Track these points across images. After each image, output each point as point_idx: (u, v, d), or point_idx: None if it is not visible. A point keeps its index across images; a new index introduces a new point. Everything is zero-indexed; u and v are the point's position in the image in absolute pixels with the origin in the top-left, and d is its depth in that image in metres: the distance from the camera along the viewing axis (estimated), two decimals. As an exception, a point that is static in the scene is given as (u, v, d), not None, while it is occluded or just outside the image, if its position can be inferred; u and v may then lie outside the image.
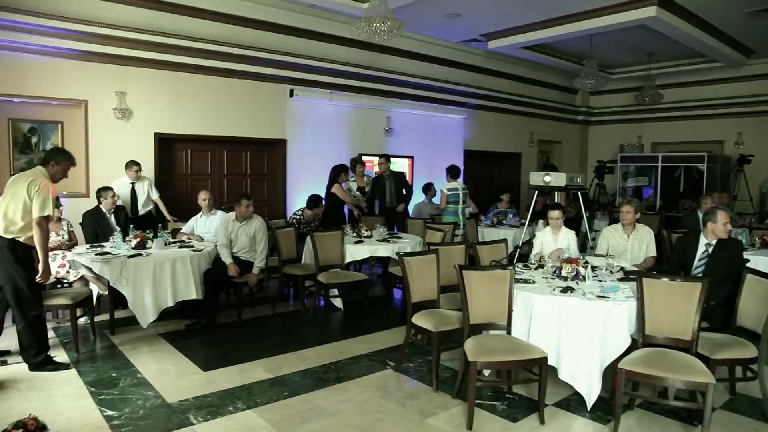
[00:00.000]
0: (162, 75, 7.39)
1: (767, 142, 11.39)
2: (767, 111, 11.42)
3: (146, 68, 7.24)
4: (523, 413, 3.75)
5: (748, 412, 3.83)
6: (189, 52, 7.41)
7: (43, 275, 4.31)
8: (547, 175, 6.03)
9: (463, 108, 11.05)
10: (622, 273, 4.40)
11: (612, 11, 8.14)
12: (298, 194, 8.54)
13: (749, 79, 11.54)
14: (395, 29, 6.14)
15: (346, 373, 4.44)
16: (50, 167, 4.39)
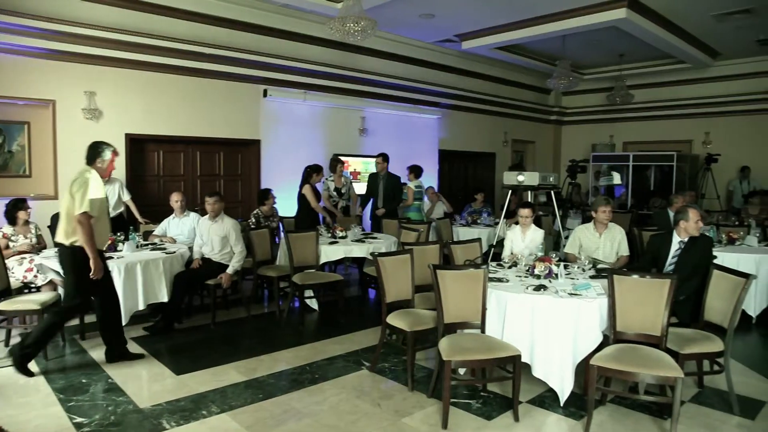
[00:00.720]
0: (133, 75, 7.27)
1: (733, 141, 11.67)
2: (733, 111, 11.71)
3: (117, 68, 7.12)
4: (498, 411, 3.78)
5: (715, 404, 3.92)
6: (161, 51, 7.31)
7: (95, 272, 4.29)
8: (521, 174, 6.09)
9: (437, 108, 11.10)
10: (594, 270, 4.46)
11: (583, 13, 8.25)
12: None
13: (715, 80, 11.82)
14: (369, 29, 6.14)
15: (321, 375, 4.42)
16: (97, 164, 4.40)
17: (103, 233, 4.47)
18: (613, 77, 12.06)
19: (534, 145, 14.05)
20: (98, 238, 4.35)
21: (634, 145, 13.23)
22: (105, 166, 4.44)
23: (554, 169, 13.71)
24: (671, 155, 11.58)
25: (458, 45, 10.25)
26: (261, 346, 5.07)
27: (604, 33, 9.18)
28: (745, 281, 3.71)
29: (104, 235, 4.55)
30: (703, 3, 8.02)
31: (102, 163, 4.42)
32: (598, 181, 12.57)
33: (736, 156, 11.44)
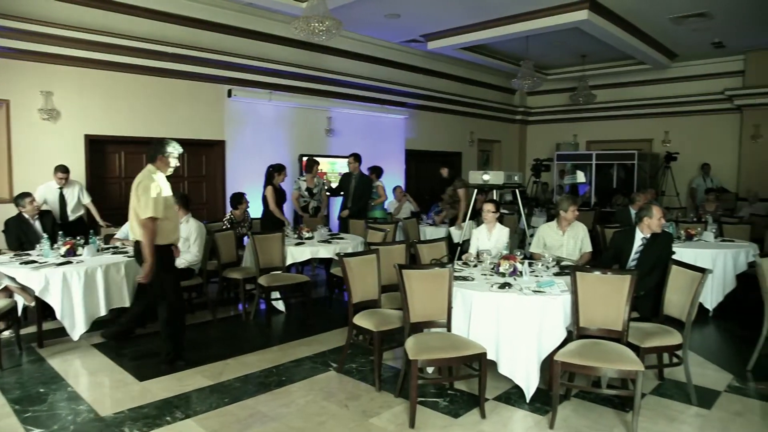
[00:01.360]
0: (93, 74, 7.10)
1: (691, 140, 12.02)
2: (691, 111, 12.06)
3: (75, 67, 6.94)
4: (465, 408, 3.80)
5: (674, 395, 4.02)
6: (121, 50, 7.16)
7: (145, 276, 4.33)
8: (486, 173, 6.14)
9: (404, 108, 11.14)
10: (558, 268, 4.53)
11: (546, 14, 8.38)
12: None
13: (674, 81, 12.17)
14: (334, 29, 6.11)
15: (288, 377, 4.38)
16: (159, 162, 4.46)
17: (172, 229, 4.55)
18: (576, 78, 12.29)
19: (500, 145, 14.21)
20: (168, 234, 4.47)
21: (597, 144, 13.51)
22: (167, 162, 4.51)
23: (520, 168, 13.92)
24: (632, 154, 11.87)
25: (424, 45, 10.30)
26: (227, 349, 4.99)
27: (566, 34, 9.34)
28: (701, 276, 3.82)
29: (174, 231, 4.61)
30: (661, 6, 8.23)
31: (163, 161, 4.48)
32: (563, 179, 12.78)
33: (694, 154, 11.80)
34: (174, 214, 4.63)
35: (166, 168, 4.53)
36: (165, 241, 4.44)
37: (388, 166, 10.28)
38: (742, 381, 4.32)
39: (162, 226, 4.36)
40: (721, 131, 11.72)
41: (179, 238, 4.78)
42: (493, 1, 8.09)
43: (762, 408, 3.88)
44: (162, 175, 4.47)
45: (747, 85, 11.21)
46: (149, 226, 4.26)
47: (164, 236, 4.41)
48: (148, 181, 4.32)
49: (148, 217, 4.24)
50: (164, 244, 4.43)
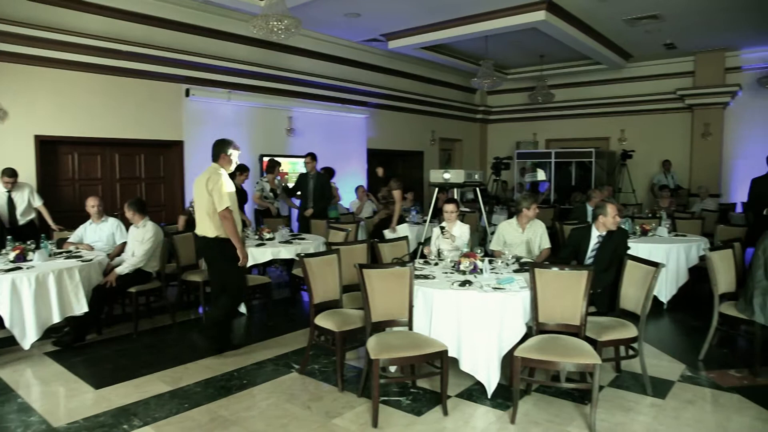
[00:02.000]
0: (42, 72, 6.87)
1: (646, 138, 12.37)
2: (645, 110, 12.42)
3: (23, 65, 6.70)
4: (428, 406, 3.81)
5: (631, 386, 4.12)
6: (72, 48, 6.94)
7: (243, 259, 4.77)
8: (446, 172, 6.19)
9: (365, 107, 11.13)
10: (518, 265, 4.59)
11: (505, 14, 8.49)
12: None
13: (629, 81, 12.50)
14: (293, 28, 6.06)
15: (250, 380, 4.32)
16: (222, 160, 4.78)
17: (237, 223, 4.78)
18: (534, 77, 12.50)
19: (461, 144, 14.35)
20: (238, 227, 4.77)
21: (555, 143, 13.77)
22: (229, 161, 4.83)
23: (481, 167, 14.07)
24: (590, 152, 12.14)
25: (385, 44, 10.32)
26: (187, 353, 4.89)
27: (525, 34, 9.49)
28: (655, 270, 3.93)
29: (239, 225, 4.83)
30: (616, 7, 8.44)
31: (226, 159, 4.80)
32: (524, 177, 12.99)
33: (649, 152, 12.14)
34: (236, 209, 4.83)
35: (229, 166, 4.84)
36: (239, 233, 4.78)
37: (349, 165, 10.30)
38: (694, 370, 4.46)
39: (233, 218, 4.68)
40: (674, 129, 12.09)
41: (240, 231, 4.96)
42: (452, 1, 8.15)
43: (712, 396, 4.02)
44: (225, 171, 4.77)
45: (697, 85, 11.60)
46: (228, 216, 4.60)
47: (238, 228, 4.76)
48: (217, 177, 4.65)
49: (225, 208, 4.58)
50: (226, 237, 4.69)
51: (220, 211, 4.58)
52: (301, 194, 8.19)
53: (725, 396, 4.00)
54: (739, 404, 3.86)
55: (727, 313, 4.58)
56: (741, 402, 3.89)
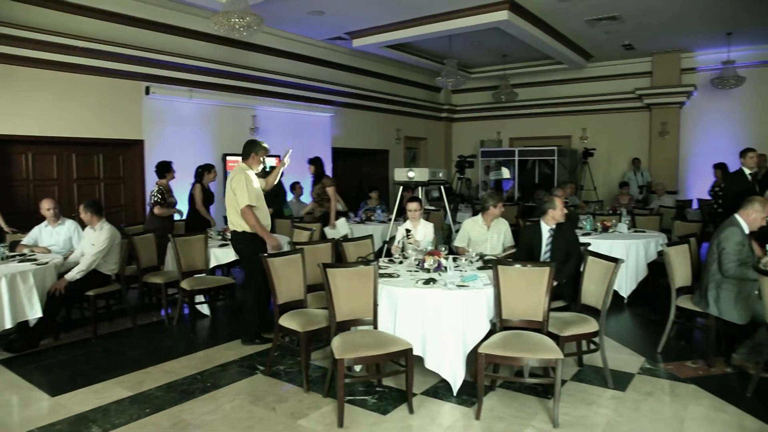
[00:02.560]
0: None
1: (607, 136, 12.64)
2: (606, 109, 12.69)
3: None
4: (393, 405, 3.82)
5: (593, 380, 4.21)
6: (25, 43, 6.69)
7: (274, 247, 5.07)
8: (411, 170, 6.20)
9: (330, 106, 11.08)
10: (481, 262, 4.63)
11: (468, 14, 8.55)
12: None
13: (590, 81, 12.76)
14: (255, 25, 5.99)
15: (213, 383, 4.25)
16: (251, 160, 5.11)
17: (263, 217, 5.13)
18: (498, 76, 12.64)
19: (426, 142, 14.41)
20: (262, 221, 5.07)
21: (519, 141, 13.96)
22: (258, 161, 5.15)
23: (446, 165, 14.16)
24: (553, 150, 12.34)
25: (349, 43, 10.28)
26: (148, 357, 4.79)
27: (488, 34, 9.57)
28: (614, 265, 4.01)
29: (266, 218, 5.19)
30: (576, 8, 8.59)
31: (255, 159, 5.12)
32: (488, 175, 13.11)
33: (610, 150, 12.42)
34: (263, 205, 5.16)
35: (258, 165, 5.15)
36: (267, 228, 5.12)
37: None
38: (653, 363, 4.58)
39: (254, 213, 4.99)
40: (634, 128, 12.38)
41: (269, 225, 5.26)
42: (415, 1, 8.17)
43: (670, 387, 4.13)
44: (252, 171, 5.09)
45: (654, 85, 11.90)
46: (249, 213, 4.94)
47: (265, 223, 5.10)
48: (241, 176, 4.96)
49: (247, 205, 4.91)
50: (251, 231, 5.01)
51: (242, 208, 4.93)
52: None
53: (682, 387, 4.11)
54: (694, 394, 3.98)
55: (683, 306, 4.71)
56: (697, 392, 4.01)
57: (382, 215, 8.71)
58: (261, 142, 5.24)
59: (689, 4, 8.29)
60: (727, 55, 10.49)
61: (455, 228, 7.26)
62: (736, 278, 4.25)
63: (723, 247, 4.32)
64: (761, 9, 8.44)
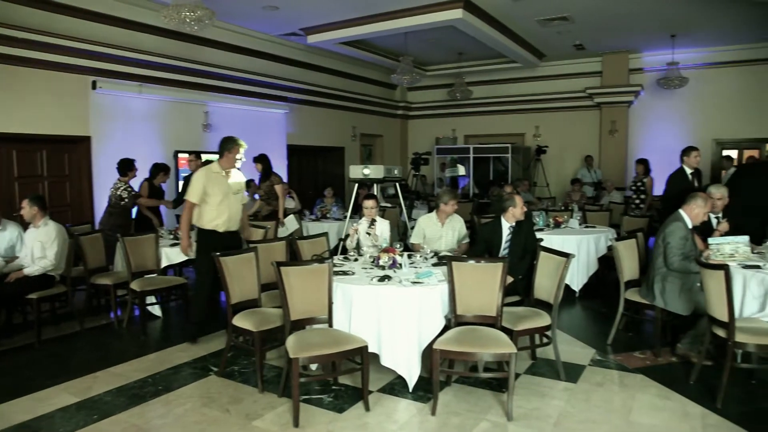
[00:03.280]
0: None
1: (559, 134, 12.91)
2: (558, 107, 12.96)
3: None
4: (350, 403, 3.81)
5: (546, 373, 4.30)
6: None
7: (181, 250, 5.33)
8: (366, 168, 6.18)
9: (285, 103, 10.94)
10: (436, 258, 4.66)
11: (423, 11, 8.57)
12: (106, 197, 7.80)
13: (543, 79, 13.00)
14: (206, 19, 5.86)
15: (165, 386, 4.15)
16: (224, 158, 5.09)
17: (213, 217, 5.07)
18: (453, 74, 12.75)
19: (382, 139, 14.42)
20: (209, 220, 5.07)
21: (474, 138, 14.12)
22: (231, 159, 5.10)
23: (402, 162, 14.18)
24: (506, 147, 12.54)
25: (304, 39, 10.17)
26: (96, 361, 4.64)
27: (443, 32, 9.63)
28: (566, 260, 4.10)
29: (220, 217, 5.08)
30: (529, 8, 8.73)
31: (228, 157, 5.09)
32: (444, 172, 13.23)
33: (562, 148, 12.70)
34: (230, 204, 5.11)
35: (230, 163, 5.11)
36: (207, 226, 5.07)
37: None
38: (603, 354, 4.72)
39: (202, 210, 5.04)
40: (585, 126, 12.69)
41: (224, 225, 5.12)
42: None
43: (619, 377, 4.25)
44: (220, 169, 5.08)
45: (604, 84, 12.22)
46: (186, 208, 5.06)
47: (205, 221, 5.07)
48: (200, 173, 5.08)
49: (188, 201, 5.02)
50: (206, 228, 5.07)
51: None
52: None
53: (630, 377, 4.24)
54: (642, 383, 4.11)
55: (631, 299, 4.86)
56: (644, 381, 4.15)
57: (338, 213, 8.66)
58: (236, 138, 5.13)
59: (635, 6, 8.54)
60: (672, 56, 10.87)
61: (411, 225, 7.29)
62: (680, 271, 4.41)
63: (668, 242, 4.47)
64: (702, 13, 8.78)
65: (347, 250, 5.29)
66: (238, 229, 5.30)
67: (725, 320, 3.73)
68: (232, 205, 5.14)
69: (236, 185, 5.20)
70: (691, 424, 3.50)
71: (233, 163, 5.14)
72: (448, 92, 12.75)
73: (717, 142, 11.39)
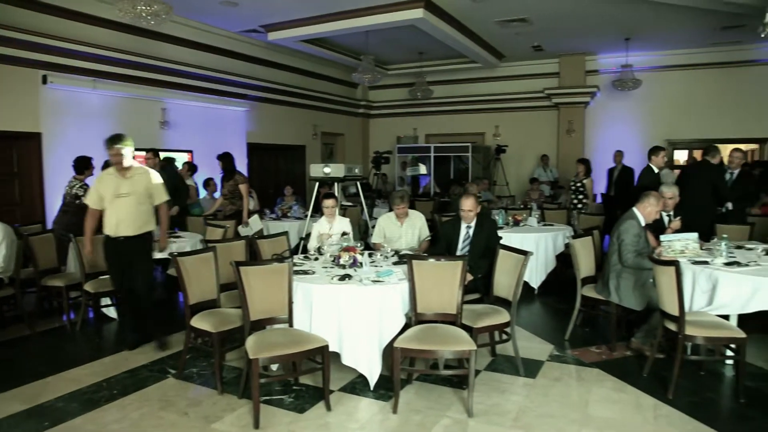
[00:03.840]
0: None
1: (518, 134, 13.12)
2: (517, 107, 13.18)
3: None
4: (311, 403, 3.78)
5: (505, 369, 4.36)
6: None
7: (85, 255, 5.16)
8: (327, 166, 6.16)
9: (245, 100, 10.81)
10: (397, 257, 4.68)
11: (384, 10, 8.59)
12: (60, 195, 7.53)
13: (502, 80, 13.19)
14: (163, 13, 5.75)
15: (120, 389, 4.04)
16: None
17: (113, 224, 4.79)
18: (414, 73, 12.81)
19: (343, 138, 14.39)
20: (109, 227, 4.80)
21: (435, 137, 14.23)
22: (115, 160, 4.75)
23: (363, 161, 14.18)
24: (467, 146, 12.69)
25: (264, 36, 10.06)
26: (48, 366, 4.47)
27: (404, 31, 9.65)
28: (524, 258, 4.16)
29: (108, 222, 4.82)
30: (488, 9, 8.83)
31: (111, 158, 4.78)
32: (405, 171, 13.29)
33: (521, 147, 12.90)
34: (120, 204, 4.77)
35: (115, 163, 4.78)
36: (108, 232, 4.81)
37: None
38: (561, 350, 4.82)
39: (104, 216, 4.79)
40: (543, 126, 12.93)
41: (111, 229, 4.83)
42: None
43: (576, 372, 4.35)
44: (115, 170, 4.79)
45: (562, 85, 12.48)
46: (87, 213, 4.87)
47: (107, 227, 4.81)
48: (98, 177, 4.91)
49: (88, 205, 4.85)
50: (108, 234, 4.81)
51: None
52: None
53: (587, 371, 4.34)
54: (598, 377, 4.22)
55: (588, 295, 4.97)
56: (600, 375, 4.25)
57: (299, 211, 8.60)
58: (111, 137, 4.75)
59: (591, 9, 8.74)
60: (626, 59, 11.17)
61: (372, 224, 7.30)
62: (634, 268, 4.54)
63: (622, 239, 4.59)
64: (654, 18, 9.05)
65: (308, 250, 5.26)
66: (137, 234, 4.82)
67: (676, 314, 3.85)
68: (120, 208, 4.75)
69: (133, 186, 4.78)
70: (644, 416, 3.61)
71: (116, 162, 4.74)
72: (409, 91, 12.81)
73: (669, 142, 11.76)
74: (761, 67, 10.97)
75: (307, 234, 5.53)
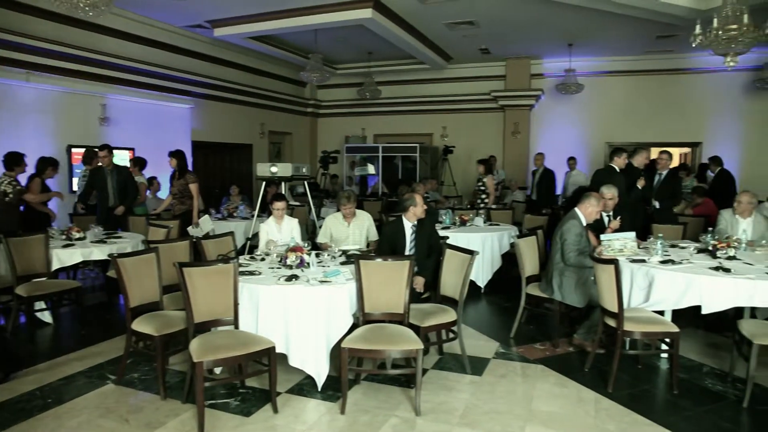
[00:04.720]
0: None
1: (465, 135, 13.31)
2: (464, 109, 13.36)
3: None
4: (257, 405, 3.73)
5: (452, 367, 4.42)
6: None
7: None
8: (274, 165, 6.08)
9: (190, 97, 10.53)
10: (344, 257, 4.66)
11: (333, 9, 8.54)
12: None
13: (450, 81, 13.34)
14: (102, 5, 5.49)
15: (56, 398, 3.86)
16: None
17: None
18: (363, 73, 12.80)
19: (291, 137, 14.23)
20: None
21: (383, 138, 14.26)
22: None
23: (311, 161, 14.07)
24: (415, 147, 12.80)
25: (210, 32, 9.83)
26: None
27: (353, 31, 9.63)
28: (470, 257, 4.22)
29: None
30: (436, 11, 8.91)
31: None
32: (353, 171, 13.26)
33: (468, 148, 13.09)
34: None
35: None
36: None
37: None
38: (506, 347, 4.92)
39: None
40: (490, 127, 13.17)
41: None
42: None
43: (521, 368, 4.45)
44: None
45: (508, 87, 12.74)
46: None
47: None
48: None
49: None
50: None
51: None
52: (99, 191, 7.25)
53: (531, 367, 4.45)
54: (542, 373, 4.33)
55: (532, 293, 5.09)
56: (544, 371, 4.37)
57: (245, 211, 8.44)
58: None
59: (535, 14, 8.95)
60: (569, 64, 11.51)
61: (319, 224, 7.25)
62: (576, 266, 4.68)
63: (564, 239, 4.73)
64: (595, 25, 9.36)
65: (254, 250, 5.17)
66: None
67: (615, 311, 4.00)
68: None
69: None
70: (586, 409, 3.73)
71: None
72: (357, 91, 12.79)
73: (609, 144, 12.18)
74: (693, 75, 11.55)
75: (254, 234, 5.43)
